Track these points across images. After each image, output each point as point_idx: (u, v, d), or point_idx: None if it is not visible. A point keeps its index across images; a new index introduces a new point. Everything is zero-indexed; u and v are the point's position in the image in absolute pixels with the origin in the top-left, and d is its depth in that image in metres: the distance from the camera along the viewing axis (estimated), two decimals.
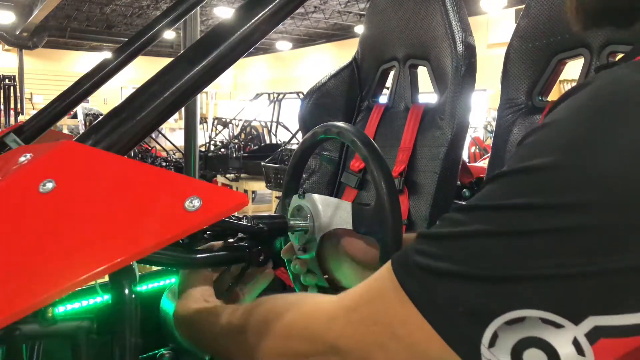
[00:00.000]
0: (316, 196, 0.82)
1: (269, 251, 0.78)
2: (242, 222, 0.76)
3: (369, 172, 0.77)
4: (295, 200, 0.85)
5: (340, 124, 0.84)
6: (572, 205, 0.37)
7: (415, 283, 0.43)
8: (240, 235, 0.77)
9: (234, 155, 7.02)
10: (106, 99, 15.12)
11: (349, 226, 0.80)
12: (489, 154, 1.40)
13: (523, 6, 1.32)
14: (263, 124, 8.53)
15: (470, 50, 1.37)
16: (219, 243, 0.78)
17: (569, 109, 0.41)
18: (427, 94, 1.52)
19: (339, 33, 13.94)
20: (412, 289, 0.43)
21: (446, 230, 0.44)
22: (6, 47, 14.31)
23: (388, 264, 0.47)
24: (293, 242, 0.85)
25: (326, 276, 0.87)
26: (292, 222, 0.81)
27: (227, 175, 7.18)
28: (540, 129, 0.41)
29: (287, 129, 7.96)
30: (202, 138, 7.81)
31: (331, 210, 0.81)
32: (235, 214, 0.77)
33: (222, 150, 7.43)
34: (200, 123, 7.09)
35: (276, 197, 6.69)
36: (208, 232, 0.76)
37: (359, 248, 0.82)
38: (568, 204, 0.37)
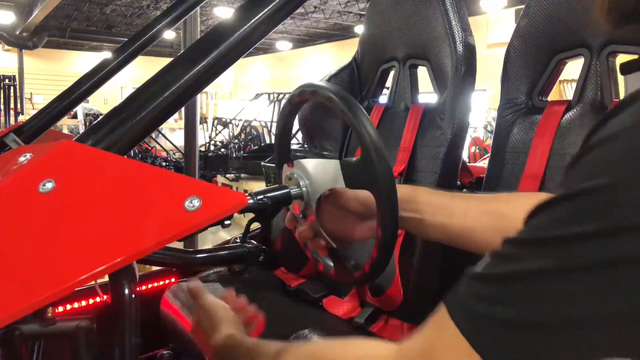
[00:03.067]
0: (305, 161, 0.83)
1: (270, 229, 0.78)
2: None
3: (349, 125, 0.76)
4: (286, 169, 0.86)
5: (314, 82, 0.84)
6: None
7: (480, 336, 0.38)
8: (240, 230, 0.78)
9: (234, 155, 7.03)
10: (106, 99, 15.12)
11: (342, 184, 0.81)
12: (489, 154, 1.40)
13: (523, 6, 1.32)
14: (263, 124, 8.53)
15: (470, 50, 1.37)
16: None
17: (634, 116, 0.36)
18: (427, 94, 1.52)
19: (339, 33, 13.93)
20: (479, 343, 0.38)
21: (505, 269, 0.39)
22: (6, 47, 14.30)
23: (444, 311, 0.43)
24: (292, 211, 0.85)
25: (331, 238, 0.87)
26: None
27: (227, 175, 7.18)
28: (600, 146, 0.37)
29: None
30: (202, 138, 7.81)
31: (322, 172, 0.81)
32: None
33: (222, 150, 7.43)
34: (200, 123, 7.08)
35: None
36: None
37: (356, 201, 0.82)
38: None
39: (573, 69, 1.32)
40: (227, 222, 0.75)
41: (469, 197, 0.85)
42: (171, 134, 9.97)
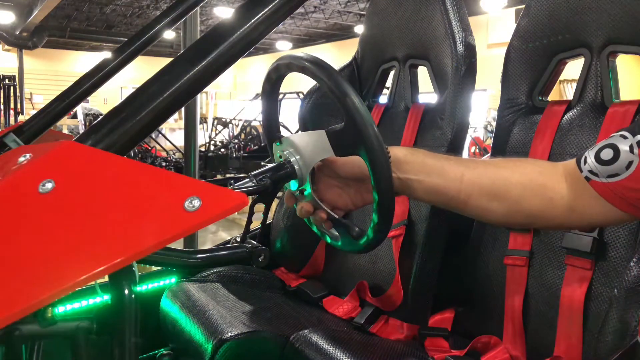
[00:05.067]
0: (292, 136, 0.82)
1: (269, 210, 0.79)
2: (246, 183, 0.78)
3: (328, 92, 0.75)
4: (275, 149, 0.86)
5: (288, 55, 0.83)
6: None
7: None
8: (239, 230, 0.78)
9: (234, 155, 7.03)
10: (106, 99, 15.11)
11: (332, 153, 0.80)
12: (489, 154, 1.40)
13: (523, 6, 1.32)
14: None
15: (470, 50, 1.37)
16: None
17: None
18: (427, 94, 1.52)
19: (339, 33, 13.93)
20: None
21: None
22: (6, 47, 14.30)
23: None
24: (289, 189, 0.85)
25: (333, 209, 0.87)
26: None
27: (227, 175, 7.18)
28: None
29: (287, 129, 7.95)
30: (202, 138, 7.81)
31: (310, 145, 0.81)
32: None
33: (222, 150, 7.43)
34: (200, 123, 7.09)
35: (276, 197, 6.68)
36: None
37: (349, 167, 0.82)
38: None
39: (573, 69, 1.32)
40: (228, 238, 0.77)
41: (465, 161, 0.84)
42: (171, 134, 9.96)
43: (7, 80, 9.10)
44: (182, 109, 2.59)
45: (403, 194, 0.83)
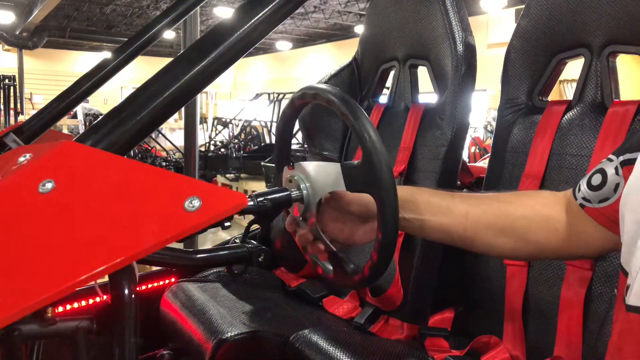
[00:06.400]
0: (305, 164, 0.82)
1: (269, 231, 0.78)
2: None
3: (350, 128, 0.76)
4: (286, 172, 0.85)
5: (316, 85, 0.83)
6: None
7: None
8: (239, 230, 0.78)
9: (234, 155, 7.03)
10: (106, 99, 15.11)
11: (343, 187, 0.80)
12: (489, 154, 1.40)
13: (523, 6, 1.32)
14: (263, 124, 8.53)
15: (470, 50, 1.37)
16: None
17: None
18: (427, 94, 1.52)
19: (339, 33, 13.93)
20: None
21: None
22: (6, 47, 14.30)
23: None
24: (292, 214, 0.85)
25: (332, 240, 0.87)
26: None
27: (227, 175, 7.18)
28: None
29: None
30: (202, 138, 7.81)
31: (323, 175, 0.81)
32: None
33: (222, 150, 7.43)
34: (200, 123, 7.08)
35: None
36: None
37: (357, 204, 0.82)
38: None
39: (573, 69, 1.32)
40: (227, 224, 0.75)
41: (469, 197, 0.85)
42: (171, 134, 9.96)
43: (7, 80, 9.10)
44: (182, 109, 2.59)
45: (409, 233, 0.84)
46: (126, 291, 0.54)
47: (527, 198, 0.84)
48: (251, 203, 0.77)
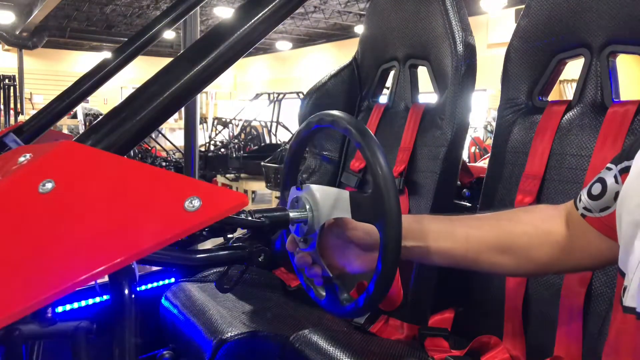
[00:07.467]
0: (314, 187, 0.82)
1: (269, 245, 0.78)
2: (242, 217, 0.76)
3: (364, 158, 0.77)
4: (293, 192, 0.85)
5: (333, 112, 0.84)
6: None
7: None
8: (240, 230, 0.77)
9: (234, 155, 7.02)
10: (106, 99, 15.11)
11: (348, 215, 0.80)
12: (489, 154, 1.40)
13: (523, 6, 1.32)
14: (263, 124, 8.53)
15: (470, 50, 1.37)
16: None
17: None
18: (427, 94, 1.52)
19: (339, 33, 13.93)
20: None
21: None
22: (6, 47, 14.30)
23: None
24: (294, 235, 0.85)
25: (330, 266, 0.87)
26: (292, 215, 0.81)
27: (227, 175, 7.18)
28: None
29: (287, 129, 7.96)
30: (202, 138, 7.81)
31: (330, 200, 0.81)
32: None
33: (222, 150, 7.43)
34: (200, 123, 7.09)
35: (276, 197, 6.69)
36: (206, 229, 0.76)
37: (361, 232, 0.82)
38: None
39: (573, 69, 1.31)
40: (229, 236, 0.75)
41: (468, 219, 0.86)
42: (171, 134, 9.96)
43: (7, 80, 9.10)
44: (182, 109, 2.59)
45: (411, 260, 0.84)
46: (126, 291, 0.54)
47: (526, 214, 0.85)
48: (249, 218, 0.77)
